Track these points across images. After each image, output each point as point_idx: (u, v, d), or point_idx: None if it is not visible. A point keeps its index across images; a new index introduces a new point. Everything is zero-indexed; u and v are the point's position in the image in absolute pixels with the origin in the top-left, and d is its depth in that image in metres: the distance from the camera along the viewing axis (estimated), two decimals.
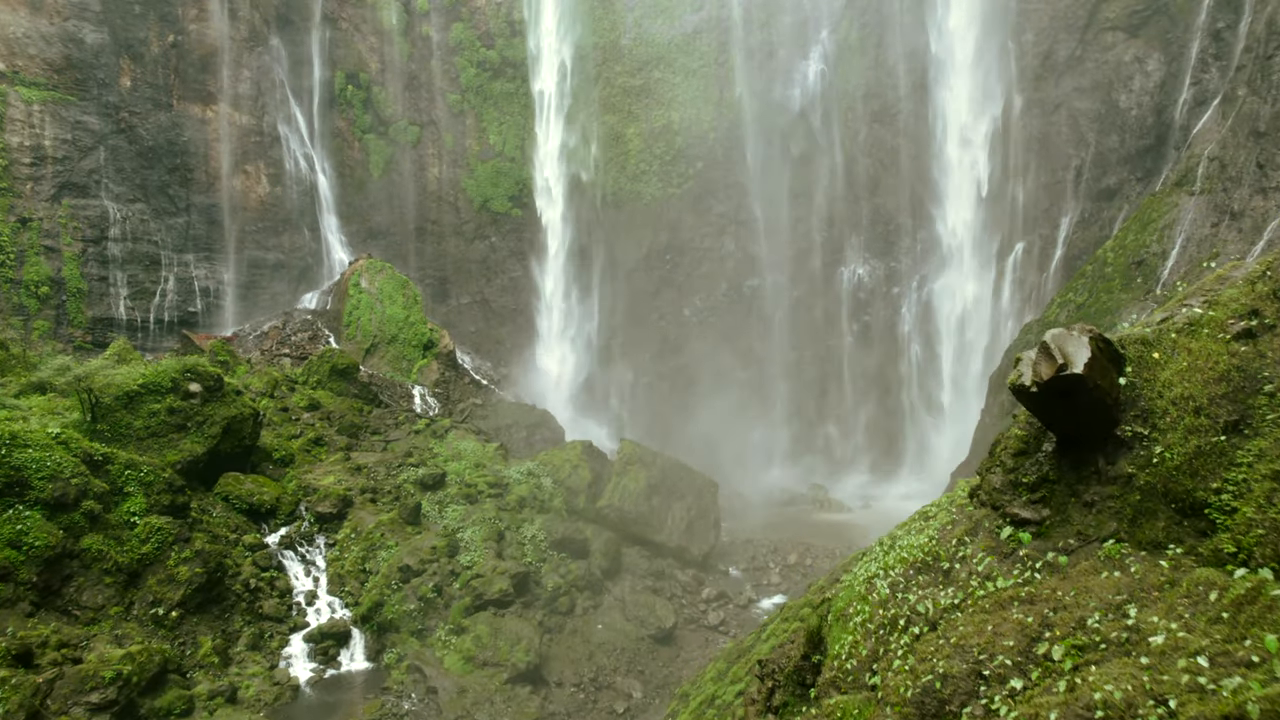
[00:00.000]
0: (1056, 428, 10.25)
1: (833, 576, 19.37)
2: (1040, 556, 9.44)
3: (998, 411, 35.35)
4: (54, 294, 48.96)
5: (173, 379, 29.81)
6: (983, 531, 10.59)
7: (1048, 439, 10.73)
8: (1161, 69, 44.87)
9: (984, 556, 10.06)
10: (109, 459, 24.90)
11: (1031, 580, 9.09)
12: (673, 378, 61.46)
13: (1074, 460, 10.08)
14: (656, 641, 29.84)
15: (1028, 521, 10.18)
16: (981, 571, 9.82)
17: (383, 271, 55.59)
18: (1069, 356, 9.33)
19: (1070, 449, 10.17)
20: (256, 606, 26.60)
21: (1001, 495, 10.73)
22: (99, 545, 23.08)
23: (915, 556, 10.95)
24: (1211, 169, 32.99)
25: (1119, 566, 8.59)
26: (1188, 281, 30.47)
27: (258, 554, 28.37)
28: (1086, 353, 9.25)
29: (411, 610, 27.51)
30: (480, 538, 31.43)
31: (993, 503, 10.86)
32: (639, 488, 38.12)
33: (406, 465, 36.49)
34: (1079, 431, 9.93)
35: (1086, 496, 9.73)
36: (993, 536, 10.35)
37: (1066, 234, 49.58)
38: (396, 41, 60.42)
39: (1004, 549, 10.06)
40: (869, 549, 17.00)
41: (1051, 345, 9.43)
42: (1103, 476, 9.65)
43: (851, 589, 11.36)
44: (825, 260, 59.90)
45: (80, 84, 51.32)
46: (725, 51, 60.01)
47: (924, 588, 10.31)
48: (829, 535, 44.59)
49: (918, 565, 10.80)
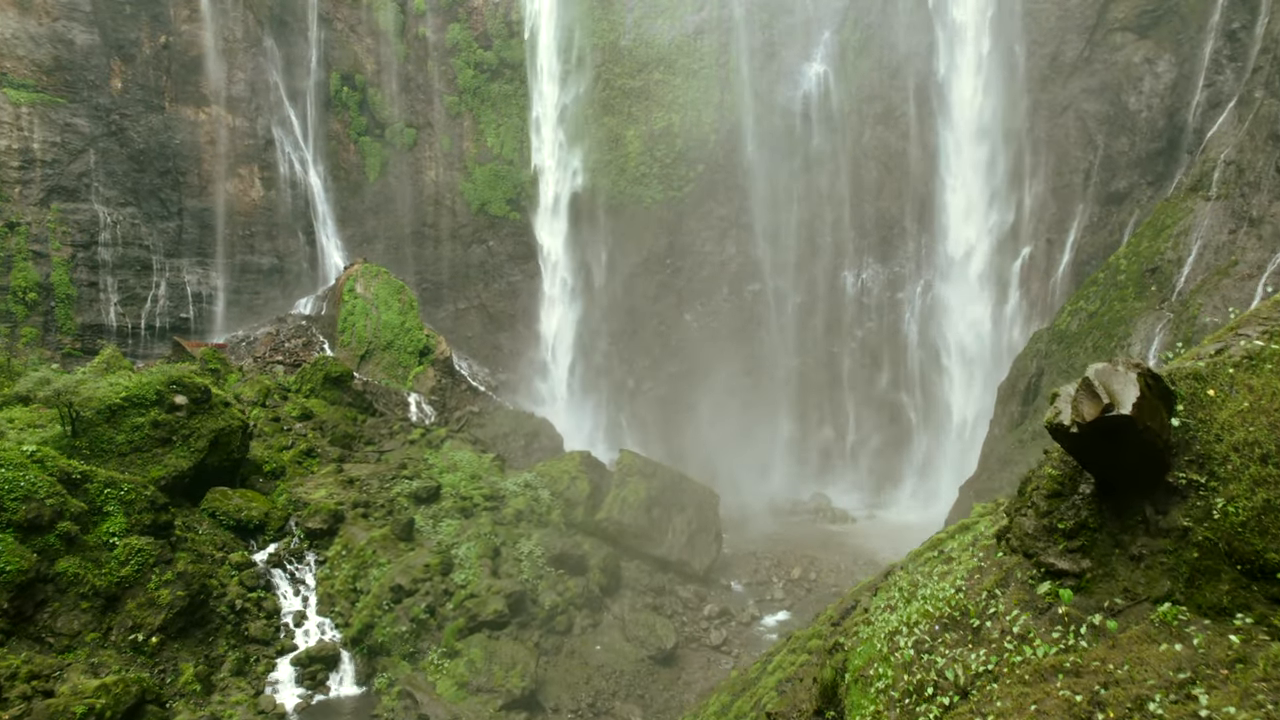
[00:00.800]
0: (1097, 470, 9.32)
1: (842, 606, 18.42)
2: (1084, 617, 8.48)
3: (1007, 423, 34.39)
4: (42, 300, 48.01)
5: (157, 391, 28.86)
6: (1015, 583, 9.63)
7: (1085, 480, 9.79)
8: (1172, 70, 43.91)
9: (1018, 613, 9.11)
10: (88, 477, 23.95)
11: (1076, 647, 8.14)
12: (673, 384, 60.50)
13: (1117, 506, 9.13)
14: (657, 663, 28.89)
15: (1066, 573, 9.23)
16: (1017, 632, 8.87)
17: (378, 276, 54.65)
18: (1115, 395, 8.40)
19: (1112, 493, 9.23)
20: (242, 629, 25.65)
21: (1035, 542, 9.79)
22: (75, 568, 22.13)
23: (940, 610, 10.00)
24: (1228, 173, 32.03)
25: (1178, 636, 7.64)
26: (1205, 290, 29.54)
27: (245, 573, 27.42)
28: (1135, 391, 8.31)
29: (403, 632, 26.56)
30: (475, 554, 30.48)
31: (1025, 549, 9.91)
32: (639, 500, 37.19)
33: (400, 478, 35.53)
34: (1124, 476, 9.00)
35: (1133, 549, 8.78)
36: (1027, 589, 9.40)
37: (1075, 238, 48.62)
38: (393, 43, 59.48)
39: (1040, 604, 9.12)
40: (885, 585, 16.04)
41: (1095, 382, 8.48)
42: (1152, 527, 8.71)
43: (871, 645, 10.39)
44: (828, 265, 58.96)
45: (70, 86, 50.39)
46: (726, 53, 59.07)
47: (952, 647, 9.36)
48: (833, 547, 43.64)
49: (943, 620, 9.84)
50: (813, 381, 59.49)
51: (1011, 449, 31.39)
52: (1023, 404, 34.37)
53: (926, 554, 16.44)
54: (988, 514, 17.42)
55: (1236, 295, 27.94)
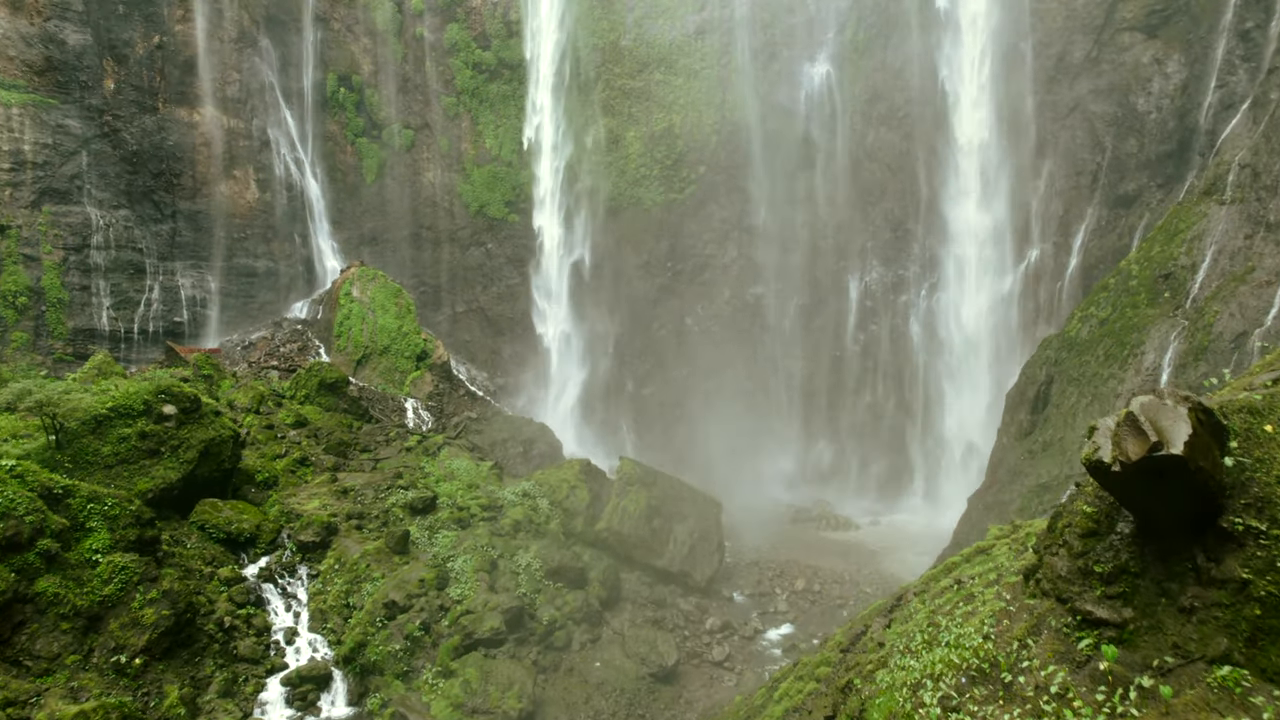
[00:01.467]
0: (1139, 511, 8.56)
1: (852, 631, 17.66)
2: (1131, 677, 7.70)
3: (1016, 433, 33.61)
4: (33, 304, 47.23)
5: (145, 401, 28.09)
6: (1048, 631, 8.86)
7: (1123, 518, 9.01)
8: (1183, 71, 43.12)
9: (1054, 668, 8.34)
10: (70, 492, 23.16)
11: (1126, 714, 7.38)
12: (674, 388, 59.72)
13: (1162, 551, 8.35)
14: (658, 680, 28.12)
15: (1105, 623, 8.46)
16: (1055, 690, 8.09)
17: (375, 280, 53.88)
18: (1164, 432, 7.63)
19: (1157, 536, 8.46)
20: (231, 648, 24.87)
21: (1069, 585, 9.01)
22: (55, 588, 21.36)
23: (967, 659, 9.22)
24: (1243, 177, 31.24)
25: (1241, 705, 6.87)
26: (1221, 297, 28.75)
27: (234, 589, 26.65)
28: (1187, 428, 7.54)
29: (397, 650, 25.79)
30: (471, 568, 29.71)
31: (1058, 593, 9.14)
32: (639, 510, 36.42)
33: (396, 488, 34.75)
34: (1171, 519, 8.23)
35: (1183, 600, 8.00)
36: (1062, 639, 8.63)
37: (1082, 242, 47.85)
38: (390, 43, 58.71)
39: (1078, 657, 8.34)
40: (899, 614, 15.27)
41: (1141, 418, 7.72)
42: (1204, 577, 7.94)
43: (892, 698, 9.62)
44: (831, 268, 58.18)
45: (62, 86, 49.61)
46: (728, 53, 58.29)
47: (981, 704, 8.58)
48: (837, 556, 42.87)
49: (971, 672, 9.06)
50: (815, 385, 58.73)
51: (1022, 460, 30.61)
52: (1031, 412, 33.58)
53: (942, 581, 15.65)
54: (1005, 537, 16.63)
55: (1254, 303, 27.16)
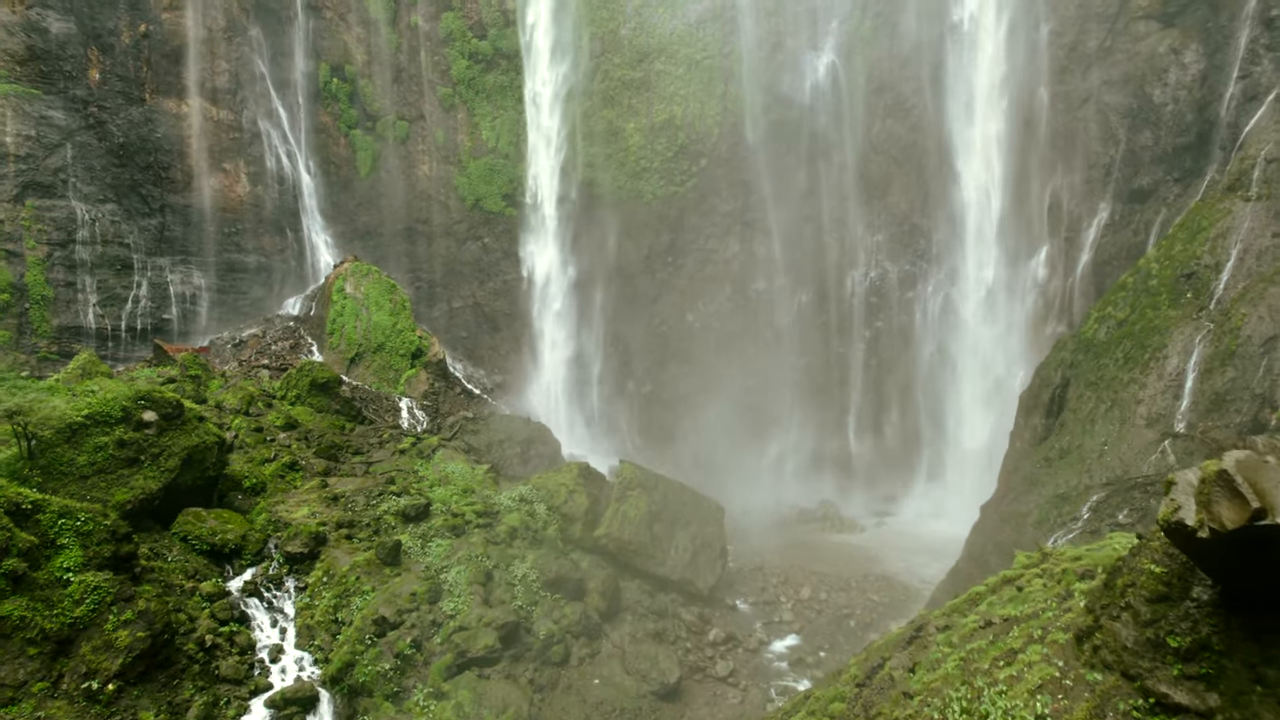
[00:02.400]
0: (1225, 580, 7.41)
1: (868, 664, 16.52)
2: None
3: (1030, 438, 32.42)
4: (15, 301, 45.97)
5: (123, 408, 26.90)
6: (1115, 715, 7.71)
7: (1199, 581, 7.84)
8: (1201, 61, 41.75)
9: None
10: (40, 507, 21.97)
11: None
12: (675, 386, 58.52)
13: (1254, 628, 7.19)
14: (659, 698, 27.04)
15: (1185, 709, 7.32)
16: None
17: (369, 275, 52.62)
18: (1267, 496, 6.45)
19: (1244, 608, 7.34)
20: (212, 668, 23.73)
21: (1137, 660, 7.85)
22: (22, 610, 20.20)
23: None
24: (1270, 172, 29.96)
25: None
26: (1248, 299, 27.51)
27: (217, 604, 25.49)
28: None
29: (387, 670, 24.68)
30: (466, 580, 28.58)
31: (1124, 668, 7.98)
32: (640, 515, 35.29)
33: (388, 494, 33.58)
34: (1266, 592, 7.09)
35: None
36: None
37: (1095, 237, 46.57)
38: (384, 32, 57.23)
39: None
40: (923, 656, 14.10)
41: (1238, 478, 6.54)
42: None
43: None
44: (835, 263, 56.89)
45: (45, 77, 48.21)
46: (730, 43, 56.82)
47: None
48: (842, 561, 41.79)
49: None
50: (820, 383, 57.54)
51: (1038, 468, 29.44)
52: (1046, 417, 32.38)
53: (969, 617, 14.48)
54: (1033, 567, 15.48)
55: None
